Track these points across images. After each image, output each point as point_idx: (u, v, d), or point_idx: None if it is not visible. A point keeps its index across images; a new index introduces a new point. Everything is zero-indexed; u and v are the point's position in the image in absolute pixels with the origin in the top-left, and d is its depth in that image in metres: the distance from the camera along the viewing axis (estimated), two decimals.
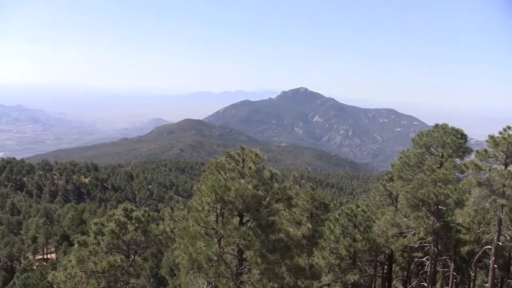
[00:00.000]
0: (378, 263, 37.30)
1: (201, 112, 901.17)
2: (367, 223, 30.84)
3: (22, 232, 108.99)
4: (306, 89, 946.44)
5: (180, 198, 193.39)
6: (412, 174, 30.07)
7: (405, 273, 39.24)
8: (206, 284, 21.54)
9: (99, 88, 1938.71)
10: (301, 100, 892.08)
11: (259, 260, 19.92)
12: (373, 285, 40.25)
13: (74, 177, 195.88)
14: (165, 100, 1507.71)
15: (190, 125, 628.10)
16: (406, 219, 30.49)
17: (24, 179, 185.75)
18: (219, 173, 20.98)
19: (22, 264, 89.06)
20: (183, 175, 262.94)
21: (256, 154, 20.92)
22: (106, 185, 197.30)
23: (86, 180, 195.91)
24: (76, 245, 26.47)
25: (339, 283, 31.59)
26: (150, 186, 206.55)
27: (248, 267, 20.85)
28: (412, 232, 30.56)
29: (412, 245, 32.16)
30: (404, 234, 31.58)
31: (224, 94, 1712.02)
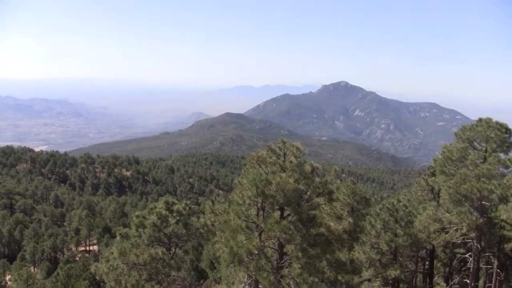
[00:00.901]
0: (419, 259, 36.89)
1: (242, 106, 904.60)
2: (409, 218, 30.47)
3: (65, 224, 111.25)
4: (347, 83, 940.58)
5: (220, 191, 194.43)
6: (455, 169, 29.52)
7: (447, 269, 38.67)
8: (246, 277, 21.61)
9: (141, 83, 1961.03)
10: (342, 94, 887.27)
11: (299, 254, 19.86)
12: (414, 281, 39.84)
13: (115, 170, 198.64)
14: (206, 95, 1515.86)
15: (231, 119, 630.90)
16: (448, 215, 29.96)
17: (67, 172, 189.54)
18: (260, 166, 20.90)
19: (65, 255, 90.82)
20: (224, 169, 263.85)
21: (297, 148, 20.80)
22: (147, 178, 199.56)
23: (128, 173, 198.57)
24: (118, 238, 26.85)
25: (379, 278, 31.37)
26: (190, 180, 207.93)
27: (288, 261, 20.78)
28: (455, 228, 30.04)
29: (454, 241, 31.64)
30: (446, 230, 31.09)
31: (264, 88, 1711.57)
